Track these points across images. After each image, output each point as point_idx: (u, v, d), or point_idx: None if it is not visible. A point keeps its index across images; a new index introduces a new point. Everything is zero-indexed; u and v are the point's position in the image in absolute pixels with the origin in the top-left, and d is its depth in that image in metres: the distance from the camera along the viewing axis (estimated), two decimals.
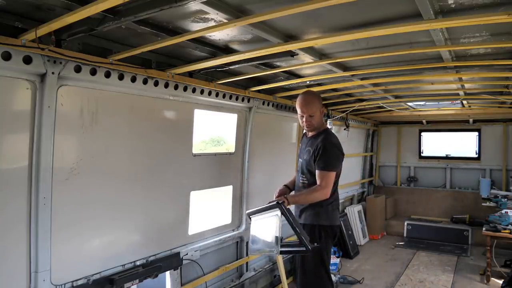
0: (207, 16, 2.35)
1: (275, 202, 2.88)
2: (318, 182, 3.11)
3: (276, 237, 2.79)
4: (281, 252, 2.90)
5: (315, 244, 3.07)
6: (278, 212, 2.82)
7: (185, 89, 3.58)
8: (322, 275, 3.20)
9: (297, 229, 2.81)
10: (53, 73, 2.52)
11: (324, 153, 3.11)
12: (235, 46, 3.09)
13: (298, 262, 3.40)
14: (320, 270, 3.19)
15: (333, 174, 3.11)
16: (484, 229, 5.59)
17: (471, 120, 8.09)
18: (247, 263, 4.86)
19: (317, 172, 3.13)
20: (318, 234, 3.16)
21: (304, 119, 3.25)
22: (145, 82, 3.18)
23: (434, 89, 4.85)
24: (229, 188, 4.68)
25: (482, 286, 5.40)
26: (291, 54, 3.02)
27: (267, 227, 3.02)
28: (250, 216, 3.22)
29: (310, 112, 3.21)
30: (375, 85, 4.55)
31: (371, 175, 9.44)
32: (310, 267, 3.19)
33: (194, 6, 2.13)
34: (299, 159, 3.42)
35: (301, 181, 3.34)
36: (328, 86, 4.48)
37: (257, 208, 3.17)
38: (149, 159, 3.47)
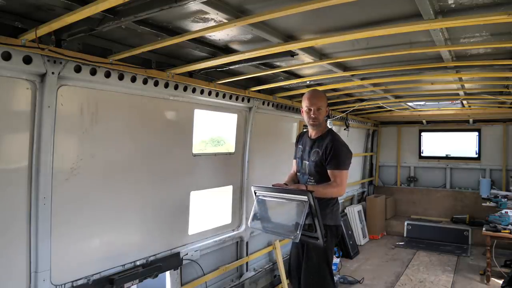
0: (207, 16, 2.35)
1: (304, 189, 2.90)
2: (332, 180, 3.16)
3: (298, 223, 2.80)
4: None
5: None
6: (305, 199, 2.82)
7: (185, 89, 3.58)
8: (325, 274, 3.22)
9: (318, 220, 2.82)
10: (53, 73, 2.52)
11: (336, 153, 3.16)
12: (235, 46, 3.09)
13: (295, 261, 3.41)
14: (324, 269, 3.21)
15: (346, 173, 3.18)
16: (484, 229, 5.59)
17: (471, 120, 8.10)
18: (247, 263, 4.86)
19: (330, 171, 3.16)
20: (324, 233, 3.16)
21: (311, 113, 3.26)
22: (145, 82, 3.18)
23: (434, 89, 4.85)
24: (229, 188, 4.68)
25: (482, 286, 5.40)
26: (291, 54, 3.02)
27: (282, 210, 3.07)
28: (257, 192, 3.22)
29: (319, 105, 3.25)
30: (375, 85, 4.55)
31: (371, 175, 9.45)
32: (315, 266, 3.21)
33: (194, 6, 2.13)
34: (304, 161, 3.41)
35: (308, 183, 3.34)
36: (328, 86, 4.48)
37: (271, 187, 3.13)
38: (149, 159, 3.47)
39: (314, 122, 3.29)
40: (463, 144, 8.73)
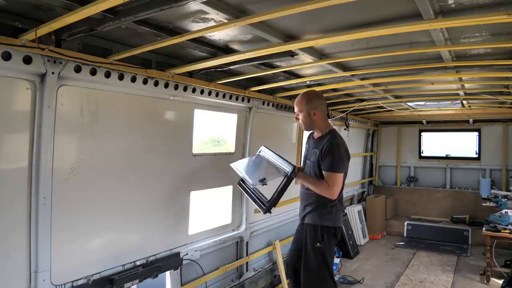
0: (207, 16, 2.36)
1: (295, 165, 3.09)
2: (325, 180, 3.16)
3: (264, 178, 3.08)
4: (249, 191, 3.37)
5: (318, 244, 3.16)
6: (286, 169, 3.07)
7: (185, 89, 3.58)
8: (325, 275, 3.21)
9: (277, 192, 3.07)
10: (53, 73, 2.52)
11: (329, 154, 3.13)
12: (235, 46, 3.09)
13: (297, 262, 3.41)
14: (322, 270, 3.21)
15: (339, 176, 3.13)
16: (484, 229, 5.59)
17: (471, 120, 8.10)
18: (247, 263, 4.86)
19: (323, 173, 3.15)
20: (321, 235, 3.19)
21: (296, 117, 3.43)
22: (145, 82, 3.18)
23: (434, 89, 4.85)
24: (229, 188, 4.68)
25: (482, 286, 5.40)
26: (291, 54, 3.02)
27: (266, 167, 3.33)
28: (261, 152, 3.45)
29: (297, 109, 3.36)
30: (375, 85, 4.55)
31: (371, 175, 9.45)
32: (313, 267, 3.22)
33: (194, 6, 2.13)
34: (308, 161, 3.43)
35: None
36: (328, 86, 4.48)
37: (274, 152, 3.41)
38: (149, 159, 3.47)
39: (300, 126, 3.42)
40: (463, 144, 8.73)
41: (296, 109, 3.35)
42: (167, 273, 3.69)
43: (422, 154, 9.04)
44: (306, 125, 3.35)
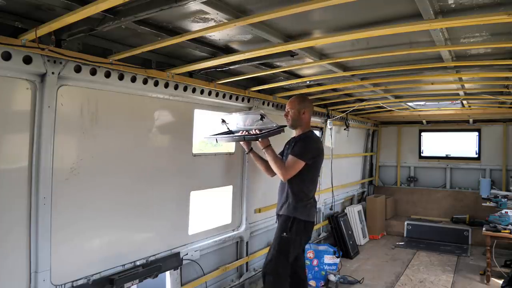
0: (207, 16, 2.36)
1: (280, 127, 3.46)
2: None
3: (264, 115, 3.44)
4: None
5: (284, 234, 3.37)
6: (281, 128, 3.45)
7: (185, 89, 3.58)
8: (279, 263, 3.36)
9: (269, 133, 3.38)
10: (53, 73, 2.52)
11: (300, 143, 3.46)
12: (235, 46, 3.09)
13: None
14: (280, 258, 3.37)
15: (300, 162, 3.34)
16: (484, 229, 5.59)
17: (471, 120, 8.10)
18: (247, 263, 4.86)
19: (289, 156, 3.40)
20: (290, 225, 3.38)
21: (285, 113, 3.71)
22: (145, 82, 3.18)
23: (434, 89, 4.85)
24: (229, 188, 4.68)
25: (482, 286, 5.40)
26: (291, 54, 3.03)
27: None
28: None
29: (289, 107, 3.67)
30: (375, 85, 4.56)
31: (371, 175, 9.44)
32: (273, 252, 3.41)
33: (194, 6, 2.13)
34: (284, 157, 3.62)
35: None
36: (328, 86, 4.48)
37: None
38: (149, 159, 3.47)
39: (288, 122, 3.67)
40: (463, 144, 8.73)
41: (287, 107, 3.66)
42: (167, 273, 3.69)
43: (422, 154, 9.03)
44: (293, 121, 3.62)
